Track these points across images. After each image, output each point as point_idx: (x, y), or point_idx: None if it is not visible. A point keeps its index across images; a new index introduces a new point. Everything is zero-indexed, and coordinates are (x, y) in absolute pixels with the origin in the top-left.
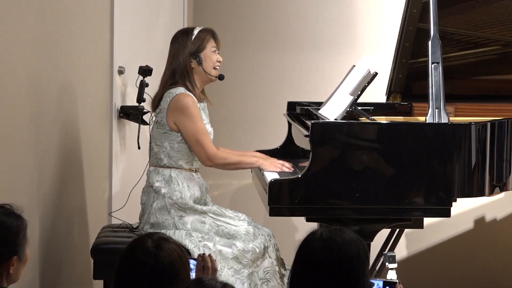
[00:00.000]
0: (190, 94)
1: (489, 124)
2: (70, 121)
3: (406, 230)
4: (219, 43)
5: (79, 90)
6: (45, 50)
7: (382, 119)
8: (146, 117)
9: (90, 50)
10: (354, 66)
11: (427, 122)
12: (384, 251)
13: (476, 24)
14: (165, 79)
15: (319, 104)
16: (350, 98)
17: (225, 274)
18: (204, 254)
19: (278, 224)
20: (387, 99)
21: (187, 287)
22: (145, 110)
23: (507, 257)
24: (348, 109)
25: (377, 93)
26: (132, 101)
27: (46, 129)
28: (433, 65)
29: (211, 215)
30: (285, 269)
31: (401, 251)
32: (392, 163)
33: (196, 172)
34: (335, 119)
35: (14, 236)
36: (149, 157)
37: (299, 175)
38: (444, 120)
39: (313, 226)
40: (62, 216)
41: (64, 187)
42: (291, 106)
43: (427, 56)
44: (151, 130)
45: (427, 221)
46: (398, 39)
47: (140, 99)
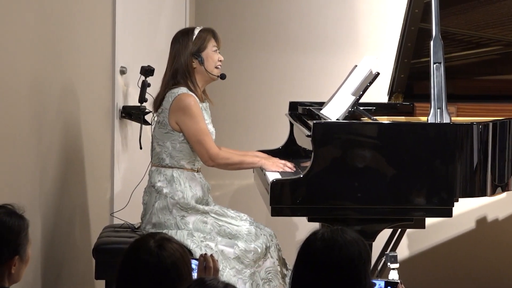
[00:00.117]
0: (192, 94)
1: (491, 124)
2: (72, 121)
3: (408, 230)
4: (219, 43)
5: (81, 90)
6: (47, 50)
7: (384, 119)
8: (148, 117)
9: (92, 50)
10: (356, 66)
11: (429, 122)
12: (386, 251)
13: (478, 24)
14: (166, 79)
15: (321, 104)
16: (352, 98)
17: (227, 274)
18: (206, 254)
19: (280, 224)
20: (389, 99)
21: (189, 287)
22: (147, 110)
23: (509, 257)
24: (350, 109)
25: (379, 93)
26: (134, 101)
27: (48, 129)
28: (435, 65)
29: (213, 215)
30: (287, 269)
31: (403, 251)
32: (394, 163)
33: (198, 172)
34: (337, 119)
35: (16, 236)
36: (151, 157)
37: (301, 175)
38: (446, 120)
39: (315, 226)
40: (64, 216)
41: (66, 187)
42: (293, 106)
43: (429, 56)
44: (153, 130)
45: (428, 221)
46: (400, 39)
47: (142, 99)
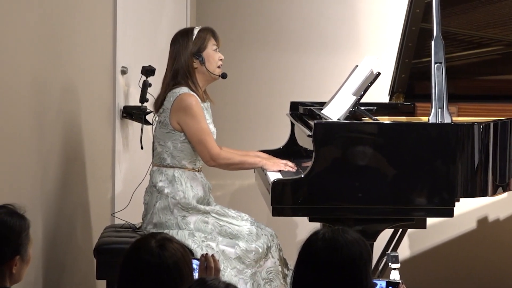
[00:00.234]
0: (194, 94)
1: (492, 124)
2: (73, 121)
3: (409, 230)
4: (219, 42)
5: (82, 90)
6: (48, 50)
7: (385, 119)
8: (149, 117)
9: (93, 50)
10: (357, 66)
11: (430, 122)
12: (387, 251)
13: (479, 24)
14: (167, 80)
15: (322, 104)
16: (353, 98)
17: (228, 274)
18: (207, 254)
19: (281, 224)
20: (390, 99)
21: (190, 287)
22: (148, 110)
23: (510, 257)
24: (351, 109)
25: (380, 93)
26: (135, 101)
27: (49, 129)
28: (436, 65)
29: (214, 215)
30: (288, 269)
31: (404, 251)
32: (395, 163)
33: (199, 171)
34: (338, 119)
35: (17, 236)
36: (152, 157)
37: (302, 175)
38: (447, 120)
39: (316, 226)
40: (65, 216)
41: (67, 187)
42: (294, 106)
43: (430, 56)
44: (154, 130)
45: (430, 221)
46: (401, 39)
47: (143, 99)
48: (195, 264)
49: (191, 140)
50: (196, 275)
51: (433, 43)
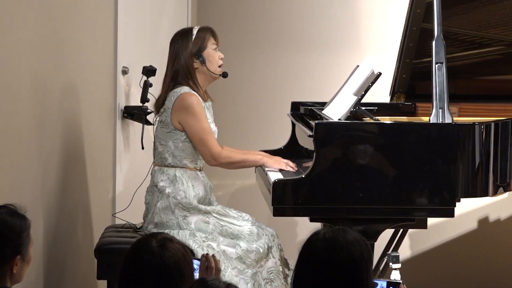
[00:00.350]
0: (195, 93)
1: (493, 124)
2: (74, 121)
3: (410, 230)
4: (218, 41)
5: (83, 90)
6: (49, 50)
7: (386, 119)
8: (150, 117)
9: (94, 50)
10: (358, 66)
11: (431, 122)
12: (388, 251)
13: (480, 24)
14: (167, 81)
15: (323, 104)
16: (354, 98)
17: (228, 274)
18: (207, 254)
19: (281, 224)
20: (391, 99)
21: (190, 287)
22: (148, 110)
23: (511, 257)
24: (352, 109)
25: (381, 93)
26: (136, 101)
27: (50, 129)
28: (437, 65)
29: (215, 215)
30: (289, 269)
31: (405, 251)
32: (395, 163)
33: (200, 171)
34: (339, 119)
35: (18, 235)
36: (154, 157)
37: (303, 175)
38: (448, 120)
39: (317, 226)
40: (65, 216)
41: (67, 187)
42: (295, 106)
43: (431, 56)
44: (155, 129)
45: (430, 221)
46: (402, 39)
47: (144, 99)
48: (196, 264)
49: (192, 139)
50: (196, 275)
51: (434, 43)
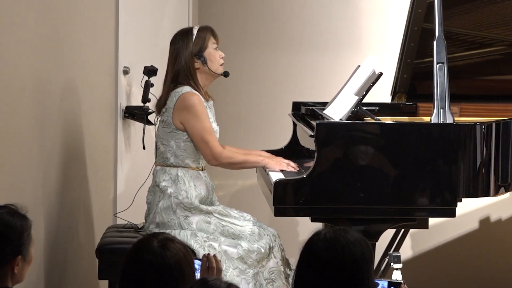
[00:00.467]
0: (196, 93)
1: (494, 124)
2: (75, 121)
3: (411, 230)
4: (218, 40)
5: (84, 90)
6: (50, 50)
7: (387, 119)
8: (151, 117)
9: (95, 50)
10: (359, 66)
11: (432, 122)
12: (389, 251)
13: (481, 24)
14: (168, 82)
15: (324, 104)
16: (355, 98)
17: (230, 274)
18: (209, 254)
19: (283, 224)
20: (392, 99)
21: (191, 287)
22: (150, 110)
23: None
24: (353, 109)
25: (382, 93)
26: (137, 101)
27: (51, 129)
28: (438, 65)
29: (216, 215)
30: (290, 269)
31: (406, 251)
32: (397, 163)
33: (203, 170)
34: (340, 119)
35: (19, 235)
36: (155, 157)
37: (304, 175)
38: (449, 120)
39: (318, 226)
40: (67, 216)
41: (69, 187)
42: (296, 106)
43: (432, 56)
44: (157, 129)
45: (432, 221)
46: (403, 39)
47: (145, 99)
48: (197, 264)
49: (193, 139)
50: (198, 275)
51: (435, 43)
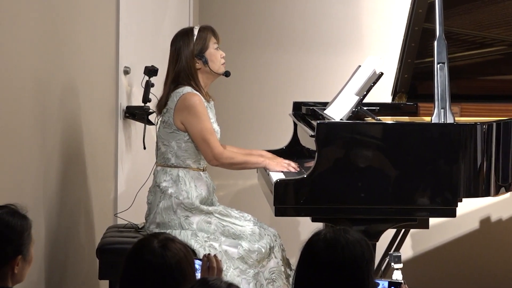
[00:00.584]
0: (197, 93)
1: (494, 124)
2: (75, 122)
3: (412, 230)
4: (219, 39)
5: (85, 90)
6: (51, 51)
7: (388, 119)
8: (152, 117)
9: (96, 50)
10: (360, 66)
11: (432, 122)
12: (390, 251)
13: (482, 24)
14: (169, 82)
15: (325, 104)
16: (356, 98)
17: (230, 274)
18: (209, 254)
19: (283, 224)
20: (393, 99)
21: (192, 287)
22: (150, 110)
23: None
24: (353, 109)
25: (382, 93)
26: (137, 101)
27: (51, 129)
28: (438, 65)
29: (217, 215)
30: (291, 269)
31: (407, 251)
32: (397, 163)
33: (204, 171)
34: (340, 119)
35: (19, 235)
36: (156, 157)
37: (305, 175)
38: (449, 120)
39: (319, 226)
40: (67, 216)
41: (69, 187)
42: (297, 106)
43: (433, 56)
44: (157, 129)
45: (432, 221)
46: (404, 39)
47: (146, 99)
48: (198, 264)
49: (194, 139)
50: (198, 275)
51: (436, 43)
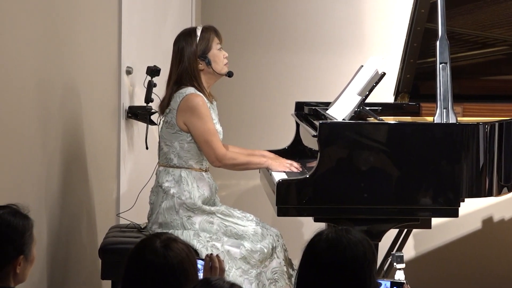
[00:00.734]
0: (200, 94)
1: (497, 124)
2: (78, 122)
3: (414, 230)
4: (222, 39)
5: (87, 90)
6: (53, 51)
7: (390, 119)
8: (154, 117)
9: (98, 51)
10: (362, 66)
11: (435, 122)
12: (392, 251)
13: (484, 24)
14: (171, 83)
15: (327, 104)
16: (358, 98)
17: (233, 274)
18: (211, 254)
19: (286, 224)
20: (395, 99)
21: (194, 287)
22: (153, 110)
23: None
24: (356, 109)
25: (385, 93)
26: (140, 101)
27: (54, 130)
28: (441, 65)
29: (219, 215)
30: (293, 269)
31: (409, 251)
32: (400, 163)
33: (206, 171)
34: (343, 119)
35: (20, 235)
36: (159, 157)
37: (307, 175)
38: (452, 120)
39: (321, 226)
40: (69, 216)
41: (71, 187)
42: (299, 106)
43: (435, 56)
44: (160, 130)
45: (435, 221)
46: (406, 39)
47: (148, 99)
48: (200, 264)
49: (197, 140)
50: (201, 275)
51: (438, 43)
